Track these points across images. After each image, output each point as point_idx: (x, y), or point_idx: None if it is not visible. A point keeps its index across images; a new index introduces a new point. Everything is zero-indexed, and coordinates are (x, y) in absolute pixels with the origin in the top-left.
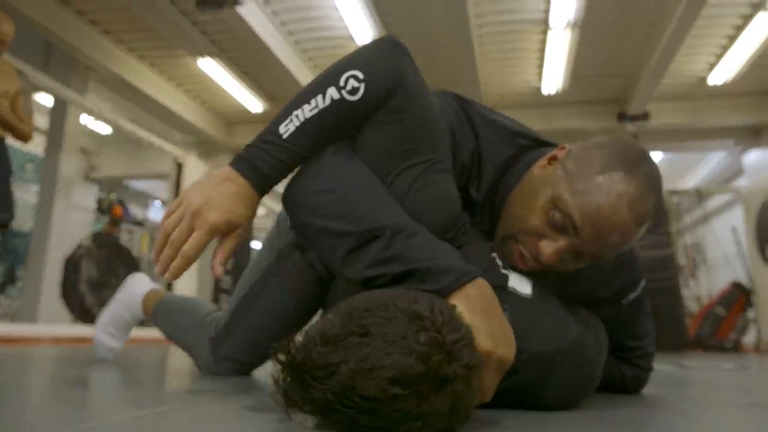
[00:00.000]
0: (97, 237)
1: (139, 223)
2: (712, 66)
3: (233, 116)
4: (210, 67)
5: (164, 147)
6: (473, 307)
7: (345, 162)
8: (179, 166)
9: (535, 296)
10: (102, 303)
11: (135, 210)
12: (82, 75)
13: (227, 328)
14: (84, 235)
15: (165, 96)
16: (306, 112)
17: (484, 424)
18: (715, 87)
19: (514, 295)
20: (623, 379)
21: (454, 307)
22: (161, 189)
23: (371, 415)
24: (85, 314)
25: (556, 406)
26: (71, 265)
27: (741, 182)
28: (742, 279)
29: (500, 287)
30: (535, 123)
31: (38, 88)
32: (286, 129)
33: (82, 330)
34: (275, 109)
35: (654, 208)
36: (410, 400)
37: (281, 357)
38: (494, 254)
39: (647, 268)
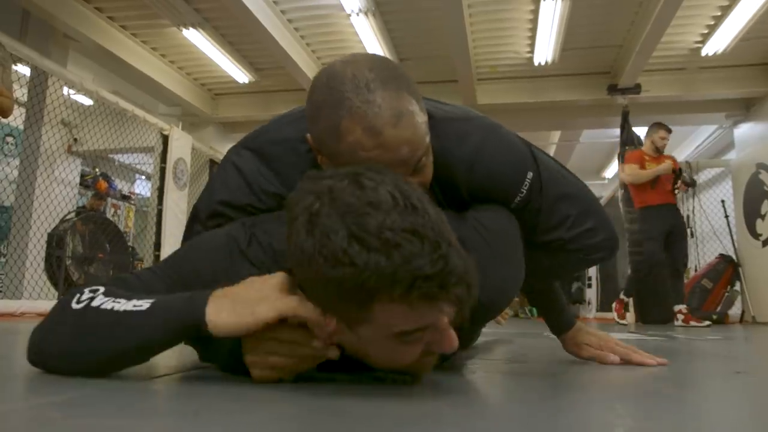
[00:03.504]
0: (81, 211)
1: (125, 197)
2: (705, 37)
3: (219, 88)
4: (195, 37)
5: (149, 119)
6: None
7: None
8: (165, 139)
9: None
10: (88, 278)
11: (120, 184)
12: (62, 45)
13: None
14: (68, 210)
15: (149, 67)
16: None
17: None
18: (707, 58)
19: None
20: (566, 262)
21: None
22: (147, 162)
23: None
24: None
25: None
26: (55, 240)
27: (731, 155)
28: (730, 252)
29: None
30: (526, 96)
31: (16, 59)
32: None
33: None
34: (262, 81)
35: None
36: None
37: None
38: None
39: (636, 241)
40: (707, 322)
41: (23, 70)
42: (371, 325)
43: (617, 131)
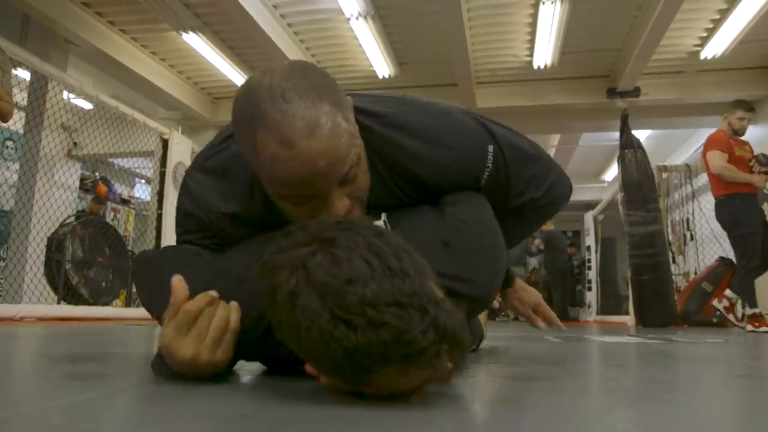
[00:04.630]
0: (80, 215)
1: (125, 201)
2: (703, 40)
3: (219, 92)
4: (195, 41)
5: (149, 123)
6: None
7: None
8: (165, 143)
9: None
10: (88, 282)
11: (120, 188)
12: (62, 49)
13: None
14: (67, 214)
15: (149, 71)
16: None
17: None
18: (706, 61)
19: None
20: (536, 217)
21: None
22: (147, 166)
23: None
24: (71, 294)
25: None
26: (55, 245)
27: None
28: (730, 255)
29: None
30: (525, 99)
31: (16, 63)
32: None
33: (68, 309)
34: None
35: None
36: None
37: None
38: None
39: (635, 244)
40: None
41: (23, 74)
42: (371, 387)
43: (616, 134)
